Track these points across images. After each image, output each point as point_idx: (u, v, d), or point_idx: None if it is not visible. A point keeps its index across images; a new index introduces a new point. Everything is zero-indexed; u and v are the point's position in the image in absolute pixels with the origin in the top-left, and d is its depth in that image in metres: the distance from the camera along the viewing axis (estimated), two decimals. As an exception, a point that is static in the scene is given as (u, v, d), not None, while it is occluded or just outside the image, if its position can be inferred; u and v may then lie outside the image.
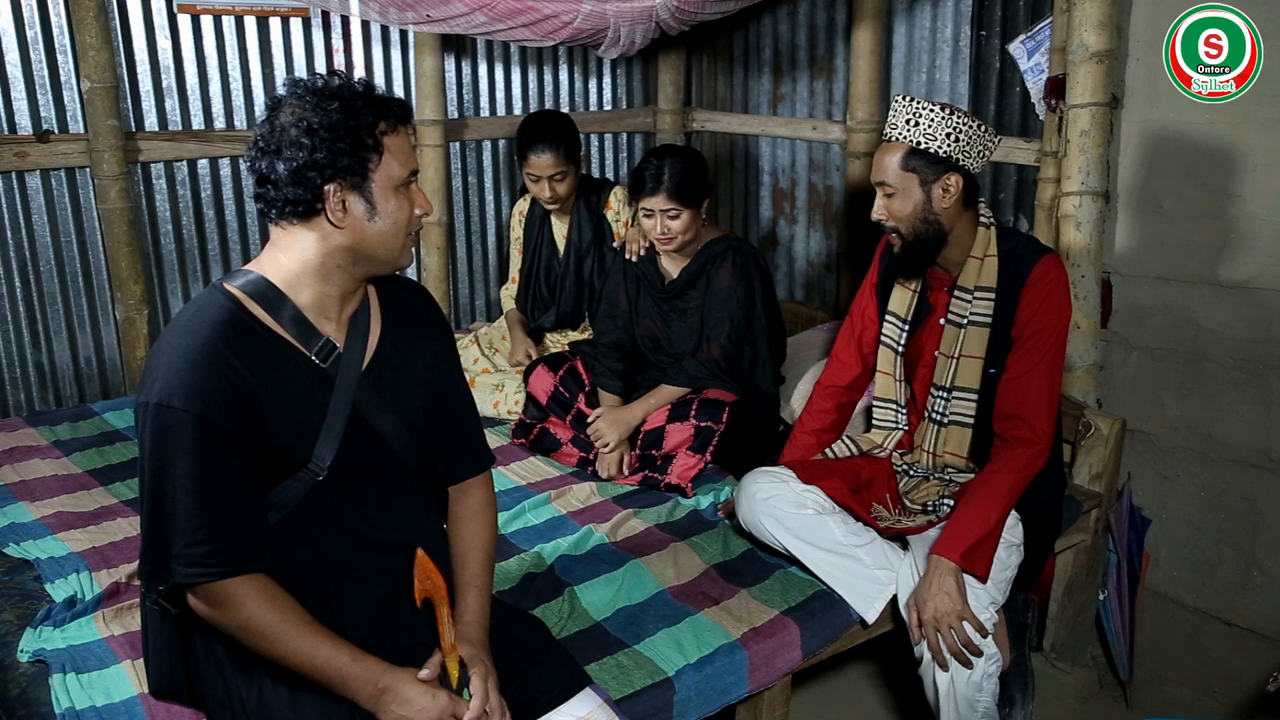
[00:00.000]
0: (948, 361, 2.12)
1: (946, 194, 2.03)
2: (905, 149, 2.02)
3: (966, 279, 2.09)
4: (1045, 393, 2.04)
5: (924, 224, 2.04)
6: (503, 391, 3.01)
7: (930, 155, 2.00)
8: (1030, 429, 2.03)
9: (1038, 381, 2.04)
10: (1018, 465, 2.02)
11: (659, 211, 2.63)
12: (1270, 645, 2.54)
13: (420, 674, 1.42)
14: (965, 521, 1.97)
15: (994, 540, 1.98)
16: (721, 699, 1.89)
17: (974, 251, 2.09)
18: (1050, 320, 2.04)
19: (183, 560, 1.36)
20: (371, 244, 1.43)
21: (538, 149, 2.98)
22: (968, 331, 2.09)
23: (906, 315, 2.22)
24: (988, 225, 2.11)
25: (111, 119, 2.94)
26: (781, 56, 3.69)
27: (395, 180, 1.42)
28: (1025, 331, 2.05)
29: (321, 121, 1.36)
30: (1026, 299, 2.04)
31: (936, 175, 2.01)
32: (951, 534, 1.97)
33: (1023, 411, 2.04)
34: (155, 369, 1.37)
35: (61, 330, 3.09)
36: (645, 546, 2.22)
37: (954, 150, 1.99)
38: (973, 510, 1.98)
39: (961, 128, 1.99)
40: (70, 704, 1.67)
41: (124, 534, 2.24)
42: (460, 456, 1.67)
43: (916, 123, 2.00)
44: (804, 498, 2.11)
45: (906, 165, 2.02)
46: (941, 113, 1.99)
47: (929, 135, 1.99)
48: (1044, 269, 2.05)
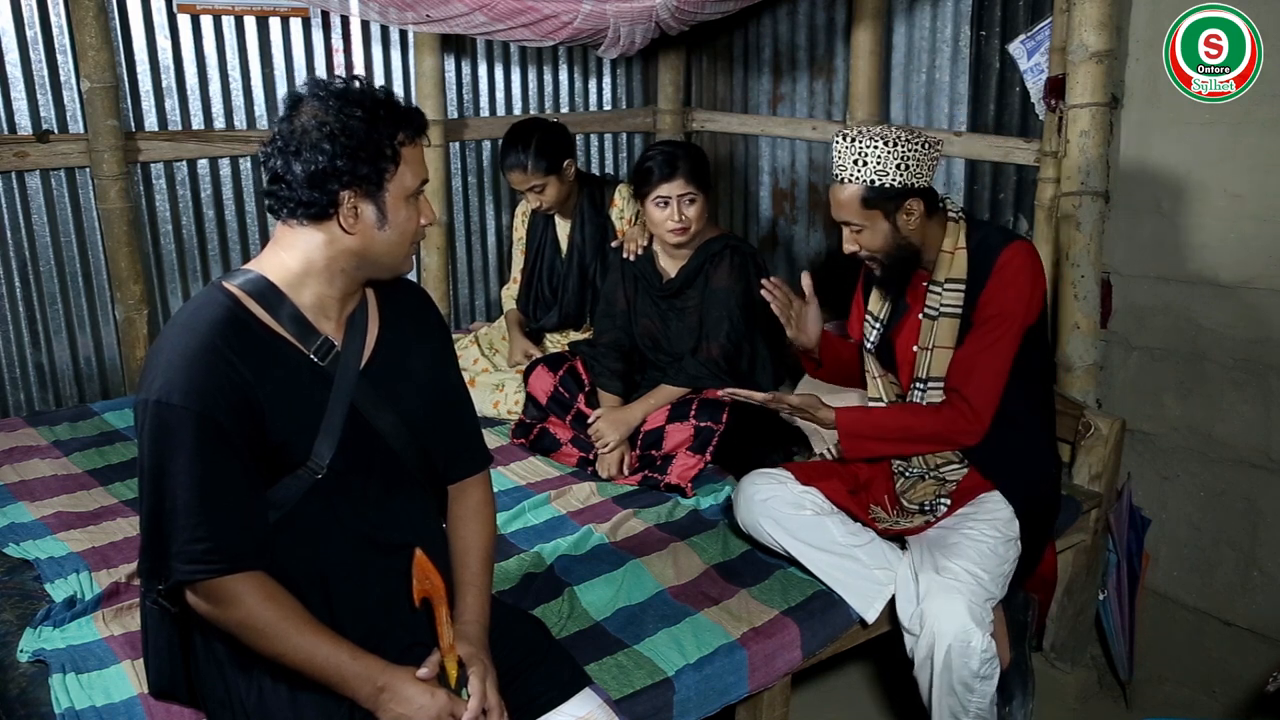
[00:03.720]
0: (924, 354, 2.13)
1: (911, 217, 2.05)
2: (860, 189, 2.02)
3: (939, 273, 2.11)
4: (990, 376, 2.04)
5: (898, 248, 2.08)
6: (503, 391, 3.01)
7: (886, 190, 2.01)
8: (968, 406, 2.04)
9: (984, 363, 2.04)
10: (944, 420, 2.06)
11: (676, 197, 2.61)
12: (1270, 645, 2.54)
13: (419, 672, 1.42)
14: (876, 420, 2.14)
15: (871, 447, 2.14)
16: (721, 699, 1.89)
17: (945, 246, 2.11)
18: (1007, 305, 2.04)
19: (182, 557, 1.36)
20: (378, 251, 1.44)
21: (508, 165, 2.97)
22: (939, 323, 2.10)
23: (880, 315, 2.23)
24: (957, 220, 2.12)
25: (111, 119, 2.94)
26: (781, 56, 3.69)
27: (407, 190, 1.43)
28: (983, 314, 2.06)
29: (344, 128, 1.36)
30: (990, 283, 2.05)
31: (898, 205, 2.03)
32: (859, 417, 2.15)
33: (964, 389, 2.05)
34: (154, 367, 1.37)
35: (61, 330, 3.09)
36: (645, 546, 2.22)
37: (907, 178, 2.00)
38: (887, 420, 2.13)
39: (909, 154, 1.99)
40: (70, 704, 1.67)
41: (124, 534, 2.24)
42: (458, 456, 1.67)
43: (864, 162, 2.00)
44: (802, 499, 2.11)
45: (866, 204, 2.03)
46: (885, 148, 1.98)
47: (880, 172, 1.99)
48: (1009, 255, 2.05)
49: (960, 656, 1.93)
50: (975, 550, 2.01)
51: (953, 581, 1.95)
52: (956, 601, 1.92)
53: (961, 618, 1.91)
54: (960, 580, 1.95)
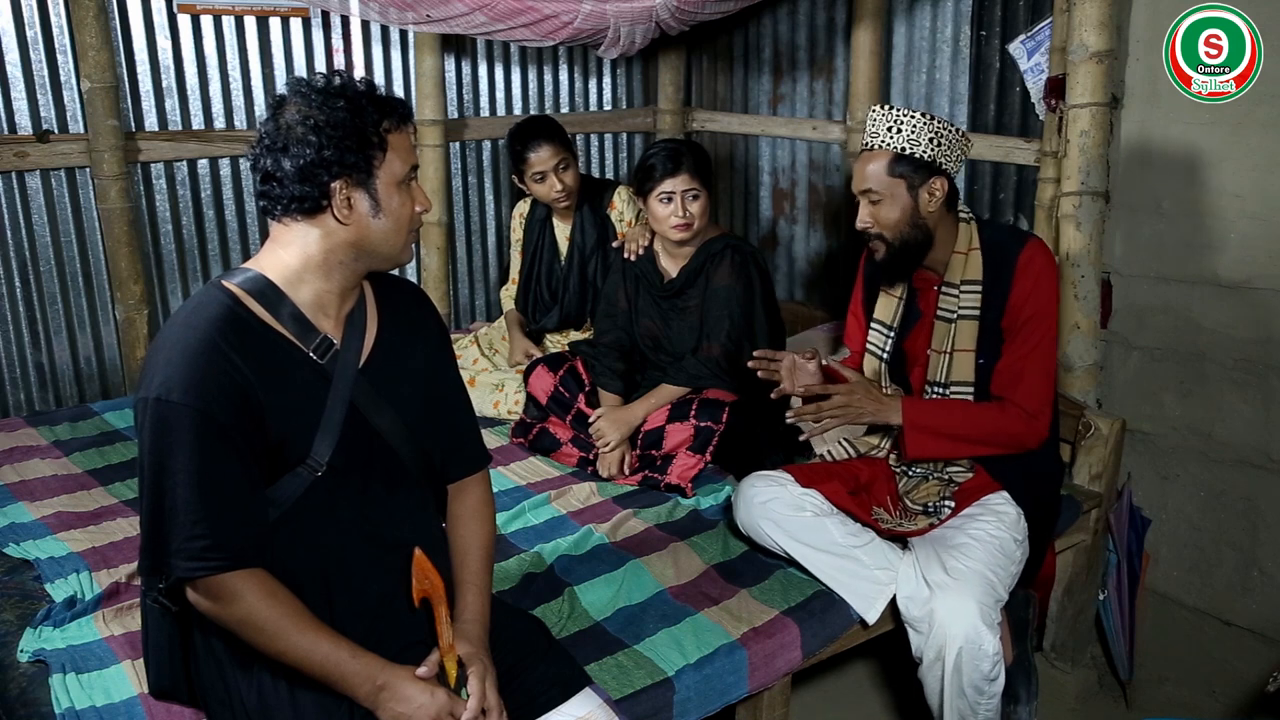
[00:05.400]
0: (940, 357, 2.13)
1: (933, 198, 2.06)
2: (890, 156, 2.05)
3: (953, 274, 2.11)
4: (1041, 376, 2.05)
5: (912, 229, 2.07)
6: (503, 391, 3.01)
7: (915, 160, 2.03)
8: (1022, 411, 2.05)
9: (1032, 367, 2.05)
10: (1008, 419, 2.04)
11: (680, 193, 2.62)
12: (1270, 645, 2.54)
13: (418, 671, 1.42)
14: (946, 415, 2.06)
15: (931, 445, 2.07)
16: (721, 699, 1.89)
17: (958, 247, 2.11)
18: (1041, 306, 2.05)
19: (182, 554, 1.36)
20: (375, 240, 1.45)
21: (535, 145, 2.98)
22: (958, 325, 2.10)
23: (893, 323, 2.22)
24: (968, 220, 2.13)
25: (111, 119, 2.94)
26: (781, 56, 3.69)
27: (398, 177, 1.44)
28: (1019, 318, 2.06)
29: (328, 119, 1.38)
30: (1018, 287, 2.06)
31: (923, 179, 2.05)
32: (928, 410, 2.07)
33: (1015, 395, 2.05)
34: (154, 364, 1.37)
35: (61, 330, 3.09)
36: (645, 546, 2.22)
37: (937, 154, 2.03)
38: (953, 414, 2.06)
39: (942, 132, 2.04)
40: (70, 704, 1.67)
41: (124, 534, 2.24)
42: (457, 455, 1.67)
43: (899, 129, 2.03)
44: (802, 500, 2.11)
45: (893, 171, 2.05)
46: (922, 119, 2.03)
47: (913, 140, 2.02)
48: (1030, 255, 2.07)
49: (971, 659, 1.92)
50: (984, 551, 2.00)
51: (962, 583, 1.94)
52: (968, 603, 1.92)
53: (972, 619, 1.91)
54: (970, 581, 1.94)
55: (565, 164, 3.02)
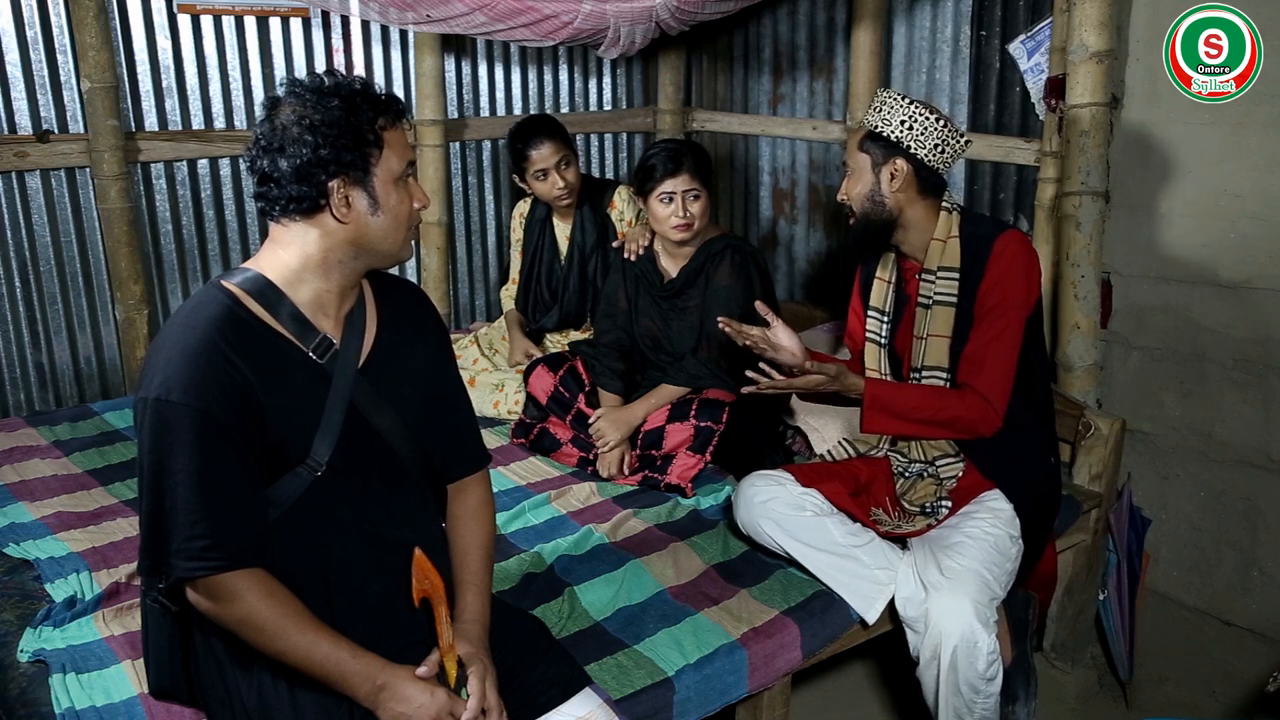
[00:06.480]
0: (919, 342, 2.13)
1: (894, 179, 2.09)
2: (864, 132, 2.13)
3: (930, 260, 2.13)
4: (1000, 366, 2.05)
5: (871, 204, 2.12)
6: (503, 391, 3.01)
7: (883, 140, 2.09)
8: (981, 398, 2.04)
9: (993, 356, 2.04)
10: (966, 405, 2.04)
11: (681, 193, 2.62)
12: (1270, 645, 2.54)
13: (418, 671, 1.42)
14: (902, 395, 2.08)
15: (889, 424, 2.08)
16: (721, 699, 1.89)
17: (937, 235, 2.12)
18: (1008, 294, 2.04)
19: (182, 554, 1.36)
20: (374, 237, 1.45)
21: (536, 142, 2.99)
22: (934, 311, 2.11)
23: (885, 308, 2.23)
24: (950, 211, 2.14)
25: (111, 119, 2.94)
26: (781, 56, 3.69)
27: (395, 173, 1.45)
28: (985, 305, 2.06)
29: (324, 119, 1.38)
30: (988, 274, 2.07)
31: (885, 159, 2.10)
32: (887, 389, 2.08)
33: (976, 383, 2.05)
34: (154, 365, 1.37)
35: (61, 330, 3.09)
36: (645, 546, 2.22)
37: (905, 136, 2.06)
38: (911, 397, 2.07)
39: (917, 116, 2.06)
40: (70, 704, 1.67)
41: (124, 534, 2.24)
42: (457, 454, 1.67)
43: (879, 109, 2.11)
44: (802, 500, 2.11)
45: (862, 147, 2.13)
46: (903, 102, 2.07)
47: (885, 120, 2.08)
48: (1004, 244, 2.07)
49: (966, 657, 1.92)
50: (978, 549, 2.00)
51: (957, 582, 1.95)
52: (962, 601, 1.92)
53: (967, 617, 1.91)
54: (965, 580, 1.95)
55: (566, 161, 3.03)
